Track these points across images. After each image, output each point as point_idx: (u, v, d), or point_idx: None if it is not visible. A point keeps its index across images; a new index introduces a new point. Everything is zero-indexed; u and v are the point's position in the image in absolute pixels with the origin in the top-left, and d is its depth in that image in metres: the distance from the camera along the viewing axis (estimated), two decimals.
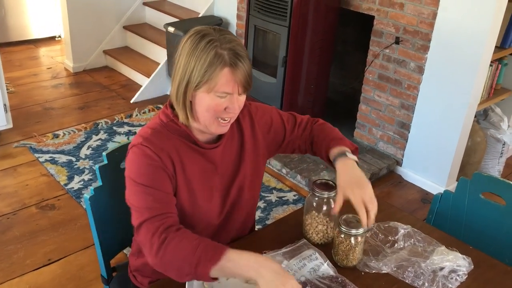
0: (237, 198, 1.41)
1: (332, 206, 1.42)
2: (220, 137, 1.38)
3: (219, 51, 1.20)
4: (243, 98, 1.30)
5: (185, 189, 1.31)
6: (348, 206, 1.54)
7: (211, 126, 1.28)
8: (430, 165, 3.12)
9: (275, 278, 1.09)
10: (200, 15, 4.23)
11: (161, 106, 4.03)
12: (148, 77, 4.19)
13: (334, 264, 1.35)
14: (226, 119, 1.28)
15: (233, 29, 4.07)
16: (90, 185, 2.92)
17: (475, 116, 3.04)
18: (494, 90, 3.14)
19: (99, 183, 1.53)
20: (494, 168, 3.33)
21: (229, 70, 1.20)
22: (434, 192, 2.61)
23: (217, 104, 1.24)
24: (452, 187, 2.69)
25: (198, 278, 1.17)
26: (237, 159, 1.41)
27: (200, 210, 1.33)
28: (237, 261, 1.13)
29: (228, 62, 1.20)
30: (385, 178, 3.25)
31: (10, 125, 3.39)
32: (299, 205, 2.87)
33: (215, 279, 1.17)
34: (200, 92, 1.24)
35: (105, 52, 4.71)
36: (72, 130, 3.57)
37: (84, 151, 3.31)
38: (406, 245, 1.44)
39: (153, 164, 1.26)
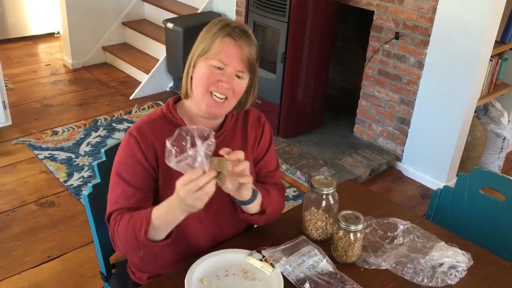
0: (228, 195, 1.36)
1: (332, 202, 1.41)
2: (218, 130, 1.38)
3: (226, 27, 1.27)
4: (240, 82, 1.29)
5: (170, 178, 1.30)
6: (347, 203, 1.54)
7: (203, 100, 1.29)
8: (430, 161, 3.11)
9: (179, 202, 1.15)
10: (199, 11, 4.22)
11: (160, 102, 4.02)
12: (147, 74, 4.18)
13: (333, 260, 1.35)
14: (217, 95, 1.28)
15: None
16: (90, 182, 2.91)
17: (475, 111, 3.04)
18: (494, 85, 3.13)
19: (97, 180, 1.52)
20: (494, 163, 3.32)
21: (231, 41, 1.26)
22: (434, 188, 2.61)
23: (211, 73, 1.27)
24: (452, 182, 2.68)
25: (148, 247, 1.23)
26: None
27: None
28: (162, 215, 1.20)
29: (231, 34, 1.26)
30: (385, 173, 3.25)
31: (9, 122, 3.39)
32: (299, 201, 2.87)
33: (168, 238, 1.24)
34: (200, 61, 1.28)
35: (104, 48, 4.70)
36: (71, 127, 3.56)
37: (84, 148, 3.30)
38: (405, 241, 1.43)
39: (133, 156, 1.30)
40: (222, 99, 1.28)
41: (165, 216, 1.20)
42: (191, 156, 1.11)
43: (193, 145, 1.12)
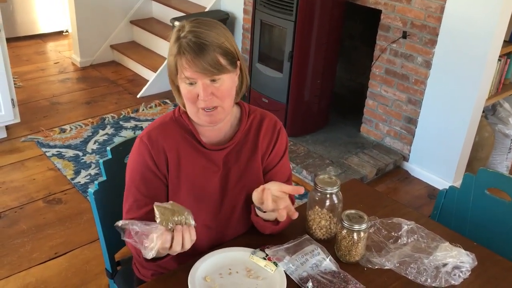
0: (236, 203, 1.39)
1: (336, 202, 1.41)
2: (230, 139, 1.37)
3: (179, 39, 1.23)
4: (219, 84, 1.24)
5: (178, 187, 1.31)
6: (352, 202, 1.54)
7: (198, 116, 1.29)
8: (437, 161, 3.10)
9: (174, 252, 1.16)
10: (206, 10, 4.23)
11: (167, 100, 4.04)
12: (155, 72, 4.20)
13: (337, 259, 1.35)
14: (205, 109, 1.26)
15: (240, 23, 4.06)
16: (97, 180, 2.93)
17: (483, 111, 3.01)
18: (502, 85, 3.11)
19: (103, 177, 1.53)
20: (502, 163, 3.30)
21: (183, 56, 1.22)
22: (441, 188, 2.60)
23: (189, 92, 1.25)
24: (459, 182, 2.66)
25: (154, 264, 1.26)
26: (244, 166, 1.39)
27: (193, 209, 1.29)
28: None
29: (182, 49, 1.21)
30: (392, 173, 3.24)
31: (18, 120, 3.41)
32: (305, 200, 2.86)
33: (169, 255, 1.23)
34: (179, 82, 1.28)
35: (112, 46, 4.73)
36: (79, 125, 3.59)
37: (91, 146, 3.32)
38: (409, 241, 1.43)
39: (144, 164, 1.30)
40: (210, 109, 1.27)
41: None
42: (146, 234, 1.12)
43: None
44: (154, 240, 1.11)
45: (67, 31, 5.28)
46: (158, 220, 1.12)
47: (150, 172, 1.29)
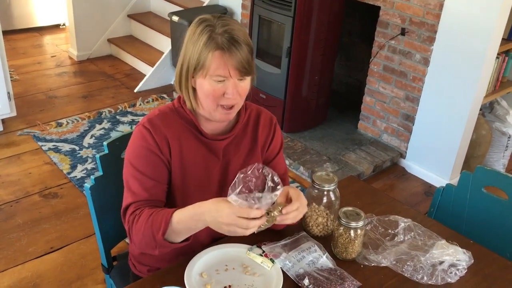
0: None
1: (333, 199, 1.41)
2: (230, 130, 1.37)
3: (213, 35, 1.21)
4: (244, 84, 1.27)
5: (179, 176, 1.31)
6: (349, 199, 1.54)
7: (215, 113, 1.28)
8: (434, 158, 3.10)
9: (214, 219, 1.13)
10: (204, 4, 4.21)
11: (165, 95, 4.02)
12: (152, 66, 4.18)
13: (333, 256, 1.35)
14: (225, 106, 1.26)
15: (238, 18, 4.04)
16: (93, 174, 2.92)
17: (481, 109, 3.02)
18: (500, 83, 3.11)
19: (99, 172, 1.53)
20: (499, 161, 3.31)
21: (221, 53, 1.20)
22: (438, 185, 2.60)
23: (215, 90, 1.24)
24: (456, 180, 2.66)
25: (165, 247, 1.22)
26: (244, 158, 1.39)
27: (193, 198, 1.29)
28: (184, 220, 1.18)
29: (220, 45, 1.20)
30: (389, 170, 3.24)
31: (14, 113, 3.40)
32: None
33: (186, 241, 1.23)
34: (198, 78, 1.25)
35: (110, 40, 4.70)
36: (75, 119, 3.57)
37: (87, 140, 3.31)
38: (406, 238, 1.43)
39: (148, 148, 1.29)
40: (231, 107, 1.28)
41: (187, 222, 1.18)
42: (255, 198, 1.12)
43: (258, 186, 1.14)
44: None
45: (64, 25, 5.25)
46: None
47: (154, 155, 1.28)
